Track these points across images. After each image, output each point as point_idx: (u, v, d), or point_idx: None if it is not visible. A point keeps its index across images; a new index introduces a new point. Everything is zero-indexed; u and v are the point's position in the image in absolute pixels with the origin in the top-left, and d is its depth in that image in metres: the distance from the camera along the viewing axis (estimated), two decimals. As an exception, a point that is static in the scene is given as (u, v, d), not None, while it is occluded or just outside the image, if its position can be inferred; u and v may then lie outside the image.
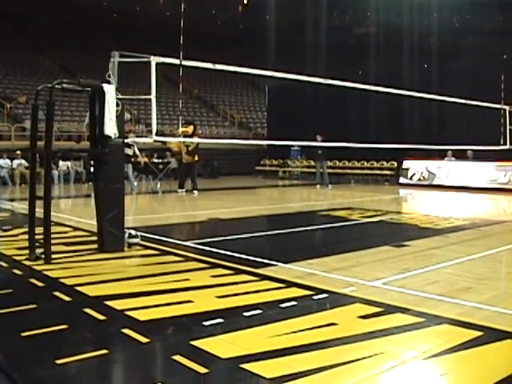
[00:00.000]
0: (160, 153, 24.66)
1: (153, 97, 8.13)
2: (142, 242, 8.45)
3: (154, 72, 8.01)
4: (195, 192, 18.16)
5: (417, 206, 17.75)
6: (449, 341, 4.32)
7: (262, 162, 30.47)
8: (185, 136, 17.73)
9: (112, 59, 7.84)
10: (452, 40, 23.40)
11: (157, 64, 8.02)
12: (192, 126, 18.55)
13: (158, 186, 20.86)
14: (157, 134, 8.91)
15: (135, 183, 19.82)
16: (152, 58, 7.99)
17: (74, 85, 7.84)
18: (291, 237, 10.01)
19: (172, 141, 20.39)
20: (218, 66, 9.04)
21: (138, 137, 20.61)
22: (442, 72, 23.03)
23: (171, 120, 32.67)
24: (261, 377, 3.67)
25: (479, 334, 4.50)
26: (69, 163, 23.80)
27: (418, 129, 22.68)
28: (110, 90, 7.66)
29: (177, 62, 8.36)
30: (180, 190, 18.35)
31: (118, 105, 7.75)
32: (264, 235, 10.28)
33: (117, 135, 7.77)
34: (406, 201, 19.06)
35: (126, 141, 9.40)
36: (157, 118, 8.69)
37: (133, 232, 8.42)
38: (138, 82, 30.36)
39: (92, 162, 8.17)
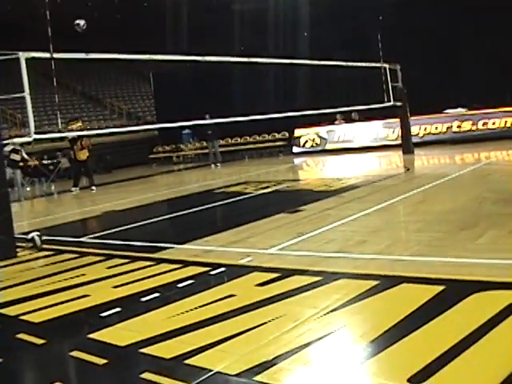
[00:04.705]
0: (51, 154, 24.02)
1: (26, 94, 7.84)
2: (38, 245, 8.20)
3: (25, 68, 7.73)
4: (93, 188, 17.78)
5: (311, 171, 17.96)
6: (347, 294, 4.38)
7: (154, 150, 30.16)
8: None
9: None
10: (329, 4, 23.56)
11: (30, 60, 7.74)
12: (80, 122, 18.23)
13: (52, 187, 20.34)
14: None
15: (28, 188, 19.27)
16: (21, 53, 7.69)
17: None
18: (186, 218, 9.94)
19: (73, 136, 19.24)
20: (92, 55, 8.85)
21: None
22: (321, 38, 23.24)
23: (57, 119, 31.71)
24: (160, 358, 3.60)
25: (375, 282, 4.58)
26: None
27: (305, 96, 22.87)
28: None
29: (47, 55, 8.09)
30: (74, 189, 17.84)
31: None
32: (159, 220, 10.10)
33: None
34: (300, 168, 19.22)
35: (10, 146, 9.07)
36: (41, 118, 8.42)
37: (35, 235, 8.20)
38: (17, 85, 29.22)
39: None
